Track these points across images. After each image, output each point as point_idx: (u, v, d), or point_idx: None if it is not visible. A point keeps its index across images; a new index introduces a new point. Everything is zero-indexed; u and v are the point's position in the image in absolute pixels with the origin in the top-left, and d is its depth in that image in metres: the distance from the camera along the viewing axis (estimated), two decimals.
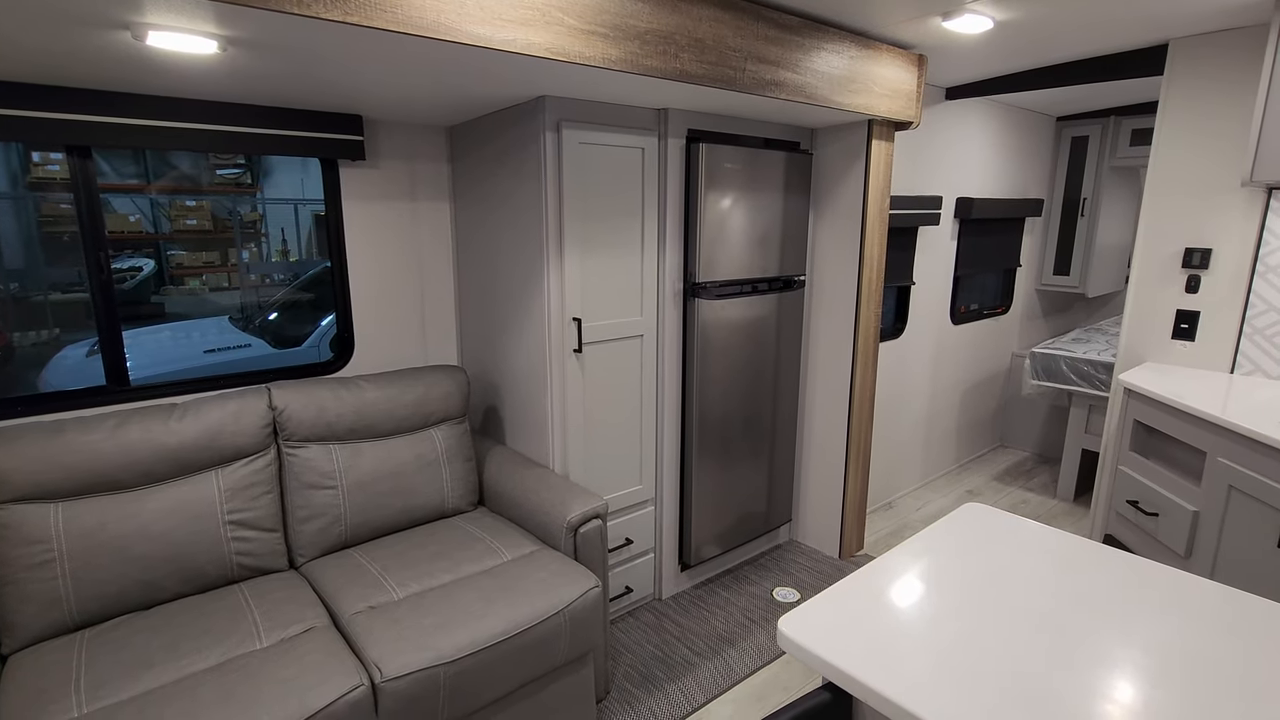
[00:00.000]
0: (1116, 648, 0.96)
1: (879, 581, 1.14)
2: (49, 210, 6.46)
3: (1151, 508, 2.23)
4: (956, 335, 3.79)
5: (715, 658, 2.32)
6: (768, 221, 2.62)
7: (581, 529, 1.96)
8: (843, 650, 0.95)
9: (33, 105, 1.76)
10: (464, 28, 1.44)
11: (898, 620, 1.03)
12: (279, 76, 1.73)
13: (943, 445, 3.93)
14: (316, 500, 1.95)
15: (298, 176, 7.48)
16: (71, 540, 1.59)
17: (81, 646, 1.51)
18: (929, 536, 1.31)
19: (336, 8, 1.27)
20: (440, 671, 1.50)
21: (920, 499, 3.64)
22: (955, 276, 3.65)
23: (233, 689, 1.36)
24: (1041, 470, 4.04)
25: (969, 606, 1.07)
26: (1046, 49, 2.53)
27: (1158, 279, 2.61)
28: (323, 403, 2.01)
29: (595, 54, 1.65)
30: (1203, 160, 2.46)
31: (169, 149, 1.98)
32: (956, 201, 3.49)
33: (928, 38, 2.37)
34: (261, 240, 8.46)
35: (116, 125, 1.87)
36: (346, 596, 1.72)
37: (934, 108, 3.23)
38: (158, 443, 1.73)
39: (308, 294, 5.38)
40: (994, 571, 1.18)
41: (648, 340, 2.42)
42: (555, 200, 2.10)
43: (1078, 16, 2.13)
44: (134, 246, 7.13)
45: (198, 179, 6.85)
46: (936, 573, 1.17)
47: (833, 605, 1.07)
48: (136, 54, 1.48)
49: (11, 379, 5.02)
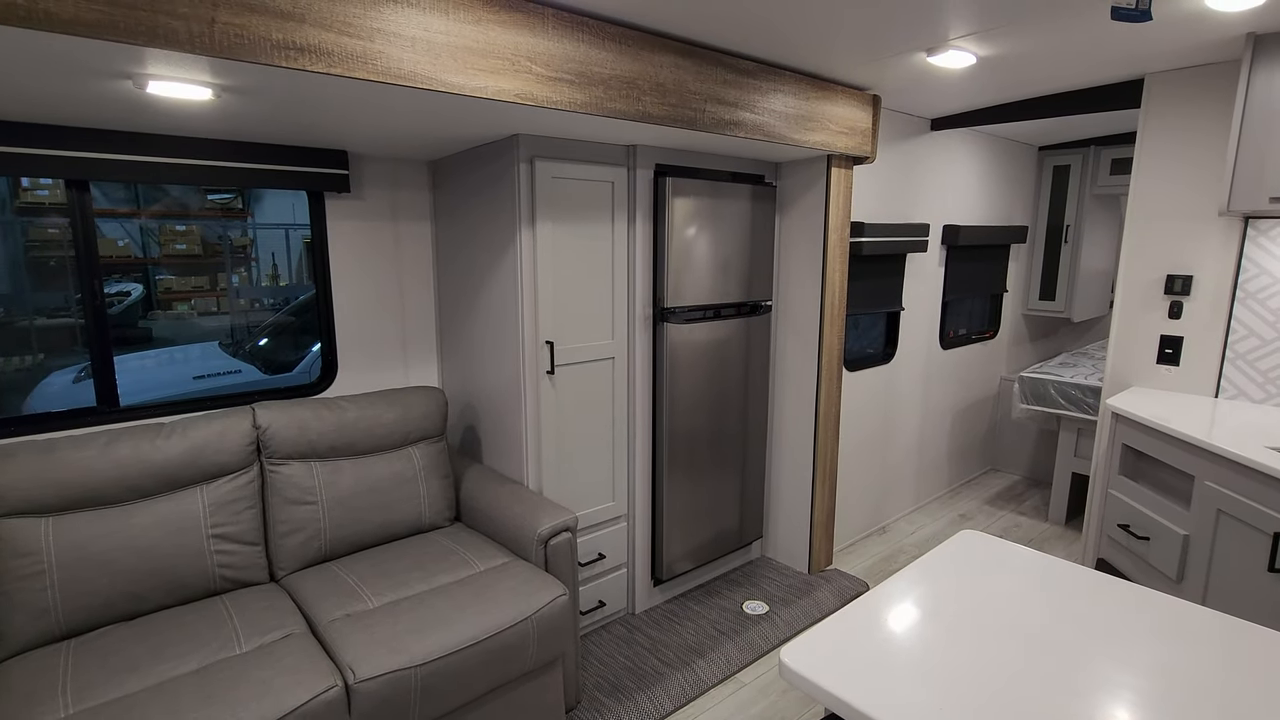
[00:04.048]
0: (1115, 673, 0.98)
1: (878, 610, 1.16)
2: (36, 235, 6.53)
3: (1142, 531, 2.28)
4: (946, 360, 3.92)
5: (684, 668, 2.40)
6: (734, 249, 2.76)
7: (551, 541, 2.06)
8: (845, 680, 0.96)
9: (33, 143, 1.88)
10: (439, 77, 1.58)
11: (898, 648, 1.05)
12: (268, 117, 1.86)
13: (934, 469, 4.03)
14: (297, 515, 2.04)
15: (288, 202, 7.59)
16: (61, 553, 1.67)
17: (68, 653, 1.58)
18: (926, 564, 1.34)
19: (321, 61, 1.41)
20: (412, 674, 1.58)
21: (914, 523, 3.73)
22: (944, 302, 3.79)
23: (213, 691, 1.44)
24: (1032, 493, 4.14)
25: (968, 633, 1.10)
26: (1028, 83, 2.68)
27: (1141, 305, 2.73)
28: (304, 422, 2.11)
29: (562, 99, 1.80)
30: (1181, 190, 2.58)
31: (163, 183, 2.10)
32: (944, 229, 3.64)
33: (887, 78, 2.54)
34: (252, 265, 8.54)
35: (113, 161, 2.00)
36: (324, 605, 1.80)
37: (920, 138, 3.40)
38: (145, 460, 1.82)
39: (298, 319, 5.46)
40: (991, 598, 1.21)
41: (619, 362, 2.54)
42: (530, 229, 2.23)
43: (1057, 52, 2.26)
44: (122, 271, 7.19)
45: (188, 204, 6.95)
46: (934, 600, 1.20)
47: (833, 635, 1.08)
48: (136, 99, 1.61)
49: None
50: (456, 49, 1.59)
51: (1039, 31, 2.05)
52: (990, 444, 4.52)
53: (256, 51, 1.33)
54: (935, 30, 2.04)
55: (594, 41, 1.85)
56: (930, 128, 3.42)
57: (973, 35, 2.09)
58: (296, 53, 1.37)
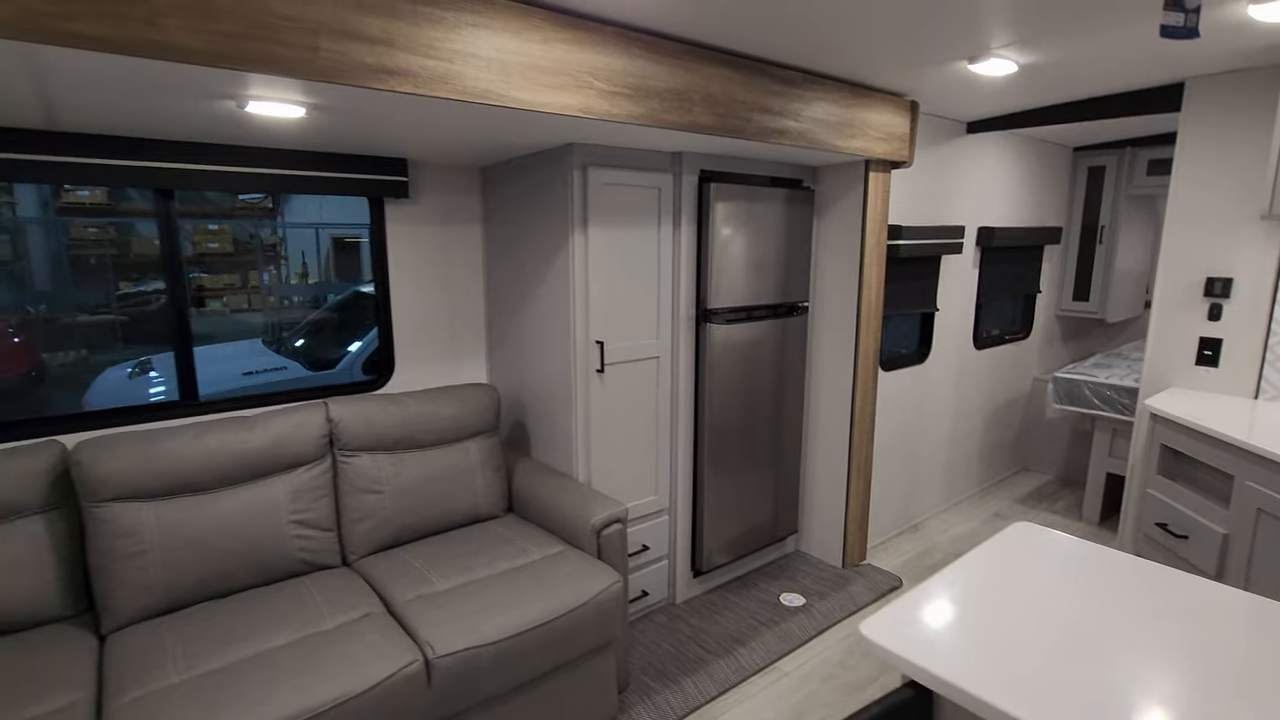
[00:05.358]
0: (1174, 653, 1.05)
1: (945, 591, 1.25)
2: (77, 235, 6.77)
3: (1181, 530, 2.31)
4: (979, 360, 3.96)
5: (726, 656, 2.49)
6: (773, 252, 2.85)
7: (604, 532, 2.17)
8: (922, 651, 1.05)
9: (126, 155, 2.03)
10: (510, 94, 1.68)
11: (967, 624, 1.13)
12: (344, 129, 1.99)
13: (966, 469, 4.07)
14: (366, 504, 2.17)
15: (317, 201, 7.77)
16: (161, 535, 1.82)
17: (171, 627, 1.73)
18: (986, 551, 1.41)
19: (408, 82, 1.52)
20: (483, 651, 1.70)
21: (945, 522, 3.78)
22: (978, 303, 3.83)
23: (306, 661, 1.56)
24: (1065, 494, 4.16)
25: (1031, 613, 1.18)
26: (1066, 87, 2.72)
27: (1180, 306, 2.75)
28: (371, 416, 2.24)
29: (620, 111, 1.90)
30: (1222, 193, 2.61)
31: (241, 191, 2.23)
32: (978, 230, 3.69)
33: (926, 84, 2.60)
34: (281, 263, 8.79)
35: (198, 171, 2.14)
36: (397, 587, 1.93)
37: (955, 140, 3.44)
38: (233, 450, 1.96)
39: (337, 316, 5.64)
40: (1050, 582, 1.28)
41: (663, 361, 2.64)
42: (582, 234, 2.34)
43: (1098, 58, 2.30)
44: (157, 269, 7.44)
45: (220, 203, 7.12)
46: (996, 583, 1.28)
47: (906, 611, 1.17)
48: (233, 117, 1.74)
49: (42, 400, 5.26)
50: (526, 67, 1.70)
51: (1081, 38, 2.10)
52: (1021, 444, 4.54)
53: (353, 75, 1.45)
54: (979, 40, 2.10)
55: (650, 56, 1.94)
56: (966, 130, 3.47)
57: (1015, 44, 2.15)
58: (387, 75, 1.49)
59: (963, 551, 3.42)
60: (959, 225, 3.48)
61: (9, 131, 1.84)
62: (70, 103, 1.59)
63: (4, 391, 5.42)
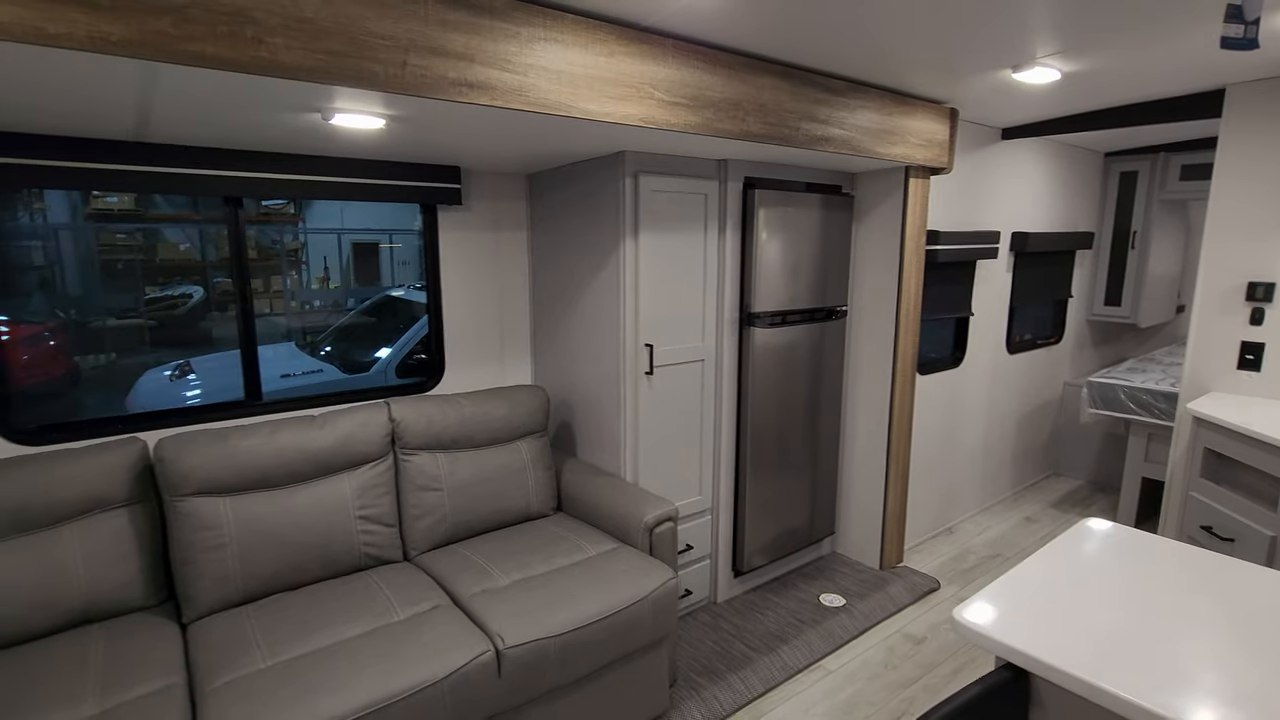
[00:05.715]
0: (1248, 636, 1.10)
1: (1027, 580, 1.32)
2: (106, 240, 6.94)
3: (1226, 533, 2.33)
4: (1012, 364, 3.98)
5: (770, 654, 2.53)
6: (813, 257, 2.89)
7: (656, 530, 2.22)
8: (1015, 635, 1.12)
9: (198, 164, 2.12)
10: (577, 104, 1.75)
11: (1053, 610, 1.20)
12: (412, 139, 2.06)
13: (999, 472, 4.09)
14: (426, 501, 2.24)
15: (337, 206, 7.92)
16: (238, 528, 1.89)
17: (250, 616, 1.80)
18: (1060, 543, 1.48)
19: (485, 94, 1.59)
20: (550, 643, 1.76)
21: (979, 524, 3.79)
22: (1011, 307, 3.86)
23: (385, 650, 1.63)
24: (1098, 498, 4.16)
25: (1110, 598, 1.24)
26: (1106, 93, 2.75)
27: (1221, 311, 2.76)
28: (430, 416, 2.31)
29: (678, 121, 1.96)
30: (1263, 199, 2.62)
31: (305, 198, 2.32)
32: (1012, 236, 3.72)
33: (966, 91, 2.64)
34: (302, 268, 8.93)
35: (267, 179, 2.22)
36: (460, 581, 1.99)
37: (990, 147, 3.47)
38: (303, 448, 2.03)
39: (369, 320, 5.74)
40: (1125, 570, 1.34)
41: (708, 364, 2.69)
42: (632, 239, 2.40)
43: (1141, 65, 2.33)
44: (183, 274, 7.62)
45: (246, 209, 7.27)
46: (1073, 572, 1.34)
47: (994, 601, 1.24)
48: (313, 127, 1.82)
49: (76, 403, 5.37)
50: (592, 79, 1.76)
51: (1128, 47, 2.13)
52: (1053, 449, 4.54)
53: (436, 89, 1.52)
54: (1024, 49, 2.14)
55: (707, 68, 2.00)
56: (1001, 136, 3.50)
57: (1060, 53, 2.18)
58: (467, 88, 1.56)
59: (998, 554, 3.44)
60: (994, 230, 3.51)
61: (94, 142, 1.93)
62: (165, 116, 1.67)
63: (43, 394, 5.57)
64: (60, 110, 1.60)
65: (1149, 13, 1.81)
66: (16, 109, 1.58)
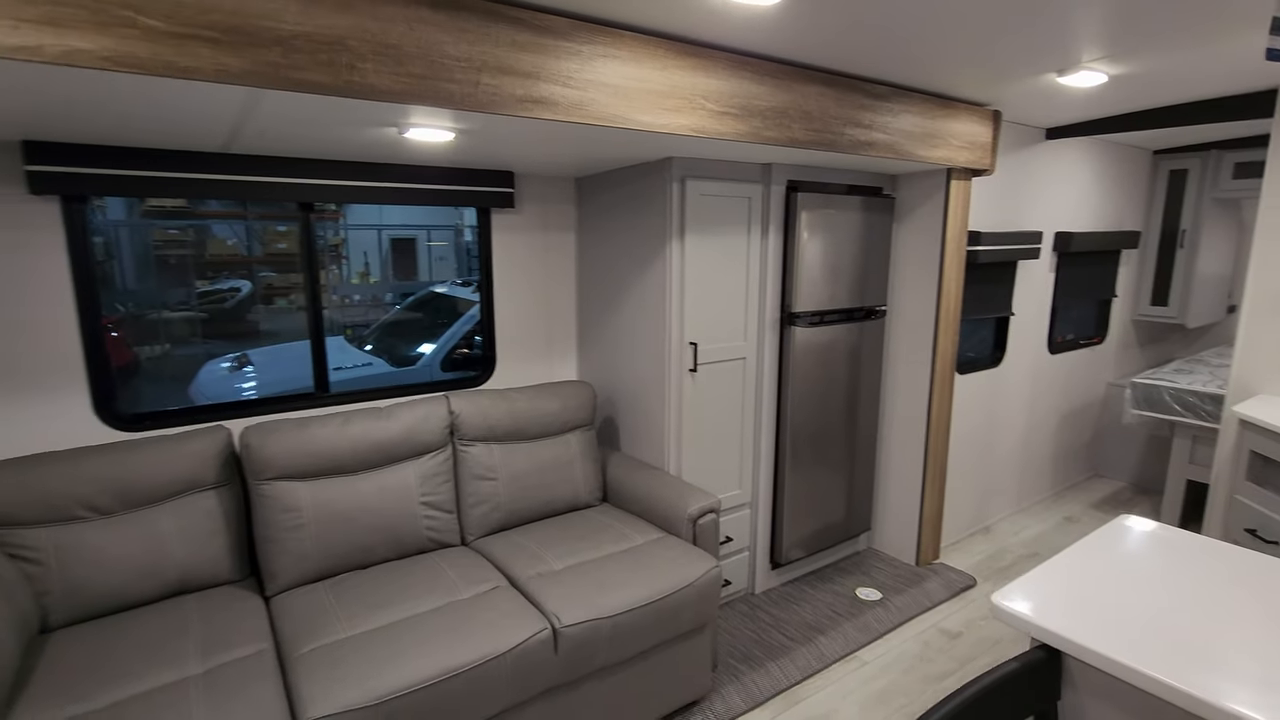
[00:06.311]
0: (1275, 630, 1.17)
1: (1062, 571, 1.39)
2: (159, 235, 7.28)
3: (1273, 536, 2.32)
4: (1053, 364, 3.97)
5: (807, 644, 2.62)
6: (853, 258, 2.95)
7: (699, 520, 2.32)
8: (1051, 618, 1.20)
9: (274, 173, 2.27)
10: (633, 117, 1.85)
11: (1087, 597, 1.28)
12: (475, 148, 2.19)
13: (1038, 473, 4.08)
14: (482, 489, 2.38)
15: (376, 205, 8.17)
16: (315, 510, 2.05)
17: (327, 591, 1.95)
18: (1095, 537, 1.54)
19: (548, 109, 1.70)
20: (603, 624, 1.87)
21: (1017, 524, 3.80)
22: (1053, 307, 3.85)
23: (453, 625, 1.76)
24: (1140, 500, 4.13)
25: (1143, 589, 1.31)
26: (1154, 94, 2.74)
27: (1271, 312, 2.72)
28: (486, 409, 2.45)
29: (727, 130, 2.05)
30: None
31: (373, 203, 2.47)
32: (1055, 236, 3.71)
33: (1010, 94, 2.66)
34: (342, 263, 9.21)
35: (341, 186, 2.37)
36: (516, 565, 2.12)
37: (1034, 147, 3.47)
38: (372, 438, 2.18)
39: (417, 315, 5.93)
40: (1158, 562, 1.40)
41: (749, 362, 2.77)
42: (678, 241, 2.49)
43: (1190, 67, 2.33)
44: (230, 269, 7.95)
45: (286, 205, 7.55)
46: (1108, 563, 1.41)
47: (1031, 586, 1.32)
48: (387, 140, 1.96)
49: (138, 394, 5.65)
50: (647, 92, 1.86)
51: (1174, 49, 2.14)
52: (1095, 450, 4.50)
53: (505, 105, 1.63)
54: (1069, 54, 2.17)
55: (754, 78, 2.08)
56: (1045, 136, 3.49)
57: (1107, 57, 2.21)
58: (532, 104, 1.67)
59: (1036, 554, 3.45)
60: (1036, 231, 3.51)
61: (185, 154, 2.10)
62: (256, 132, 1.82)
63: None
64: (168, 130, 1.76)
65: (1198, 17, 1.83)
66: (137, 129, 1.75)
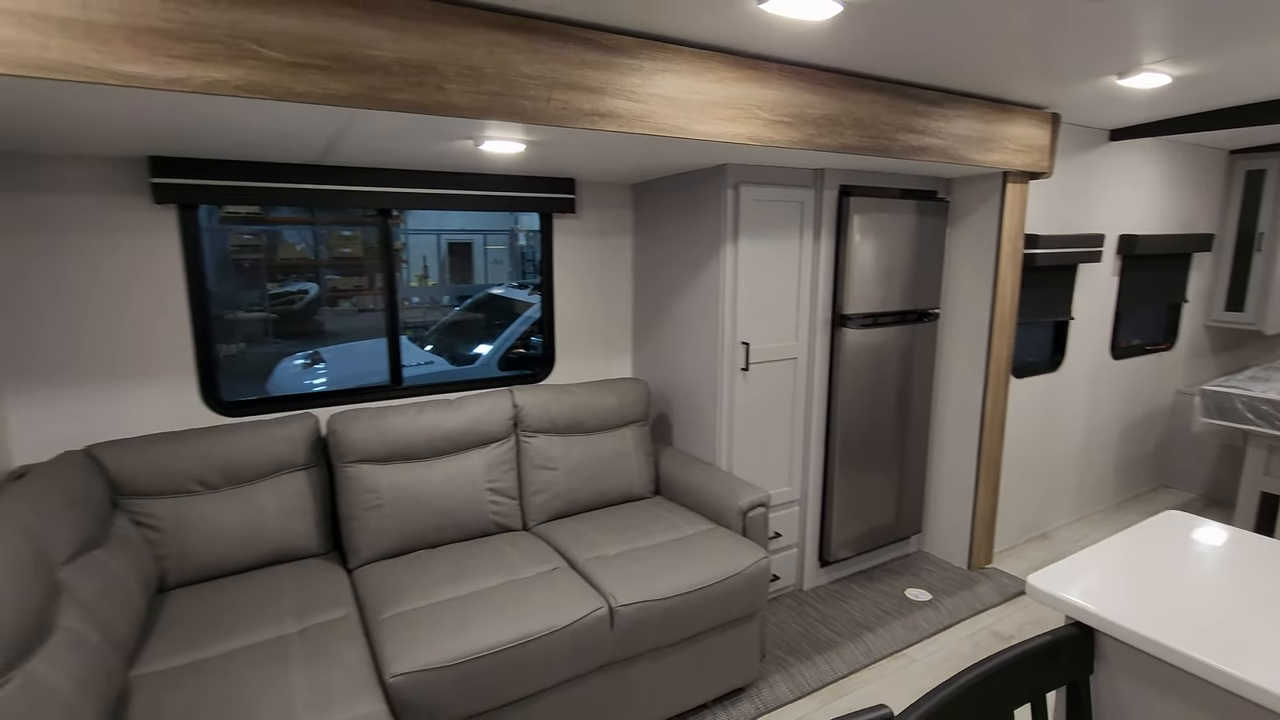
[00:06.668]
0: None
1: (1100, 557, 1.45)
2: (236, 240, 7.76)
3: None
4: (1116, 370, 3.88)
5: (854, 640, 2.66)
6: (905, 260, 2.98)
7: (749, 513, 2.40)
8: (1086, 597, 1.27)
9: (356, 182, 2.47)
10: (691, 127, 1.96)
11: (1121, 581, 1.33)
12: (541, 158, 2.34)
13: (1099, 481, 3.99)
14: (542, 478, 2.52)
15: (448, 211, 8.51)
16: (392, 492, 2.23)
17: (403, 566, 2.13)
18: (1137, 529, 1.58)
19: (613, 122, 1.83)
20: (655, 605, 1.98)
21: (1077, 532, 3.73)
22: (1116, 312, 3.77)
23: (517, 600, 1.90)
24: (1210, 513, 3.97)
25: (1181, 577, 1.35)
26: (1222, 94, 2.68)
27: None
28: (547, 403, 2.59)
29: (781, 138, 2.13)
30: None
31: (445, 209, 2.65)
32: (1119, 238, 3.63)
33: (1069, 97, 2.65)
34: (402, 266, 9.59)
35: (413, 194, 2.56)
36: (575, 549, 2.25)
37: (1097, 149, 3.41)
38: (443, 427, 2.35)
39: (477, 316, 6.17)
40: (1195, 552, 1.44)
41: (800, 362, 2.84)
42: (732, 245, 2.59)
43: (1260, 66, 2.29)
44: (299, 272, 8.40)
45: (350, 210, 8.03)
46: (1146, 552, 1.46)
47: (1067, 570, 1.38)
48: (463, 151, 2.12)
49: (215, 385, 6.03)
50: (705, 104, 1.97)
51: (1245, 50, 2.11)
52: (1162, 459, 4.36)
53: (573, 119, 1.77)
54: (1129, 57, 2.17)
55: (807, 87, 2.16)
56: (1109, 138, 3.43)
57: (1169, 60, 2.19)
58: (598, 117, 1.80)
59: None
60: (1098, 234, 3.45)
61: (277, 165, 2.31)
62: (348, 146, 2.01)
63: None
64: (276, 145, 1.97)
65: (1265, 17, 1.82)
66: (250, 144, 1.96)
